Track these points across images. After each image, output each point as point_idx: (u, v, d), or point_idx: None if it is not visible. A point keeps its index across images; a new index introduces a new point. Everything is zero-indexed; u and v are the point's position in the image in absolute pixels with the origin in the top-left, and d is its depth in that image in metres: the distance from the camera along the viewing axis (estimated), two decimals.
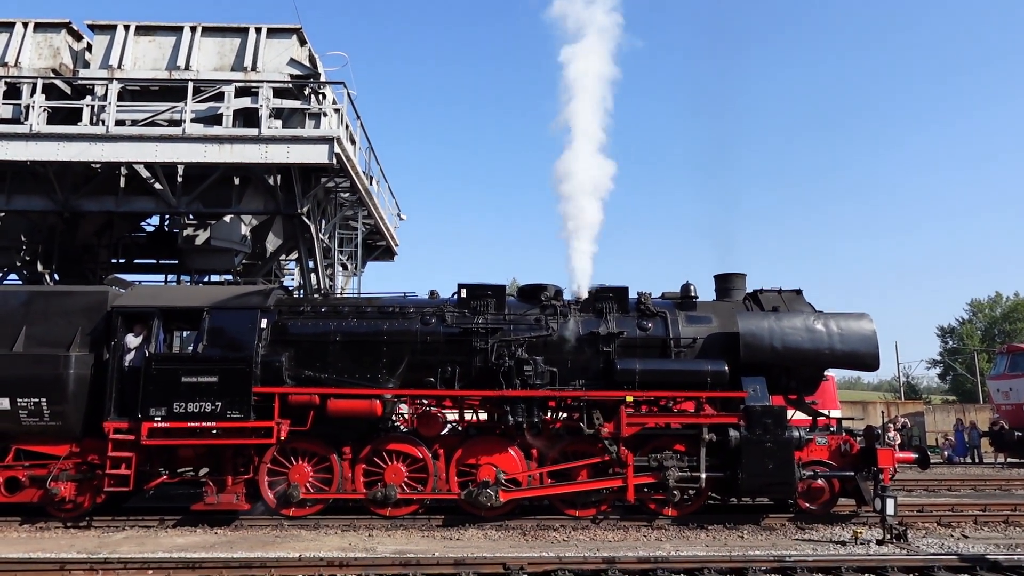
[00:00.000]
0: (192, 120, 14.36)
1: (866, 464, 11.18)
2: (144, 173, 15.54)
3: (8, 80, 14.81)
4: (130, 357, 10.96)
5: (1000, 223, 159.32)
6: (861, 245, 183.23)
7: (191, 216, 17.12)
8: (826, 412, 13.03)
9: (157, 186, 15.31)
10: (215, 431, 10.63)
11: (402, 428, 11.81)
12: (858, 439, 11.54)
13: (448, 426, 11.79)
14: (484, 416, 11.96)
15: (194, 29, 15.59)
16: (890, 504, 9.74)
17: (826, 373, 12.81)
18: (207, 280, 18.82)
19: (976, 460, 24.90)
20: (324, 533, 10.31)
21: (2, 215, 16.63)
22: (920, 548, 9.33)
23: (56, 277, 17.57)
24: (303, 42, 16.19)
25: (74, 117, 14.90)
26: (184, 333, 13.88)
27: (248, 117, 14.87)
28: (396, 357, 11.22)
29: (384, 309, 11.59)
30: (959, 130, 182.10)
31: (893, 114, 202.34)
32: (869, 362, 11.47)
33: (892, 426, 22.35)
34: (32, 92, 14.52)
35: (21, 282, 17.68)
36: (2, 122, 14.51)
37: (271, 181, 15.36)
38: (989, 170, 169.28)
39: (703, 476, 10.89)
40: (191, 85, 14.49)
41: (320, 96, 15.36)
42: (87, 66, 15.88)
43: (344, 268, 20.43)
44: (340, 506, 11.26)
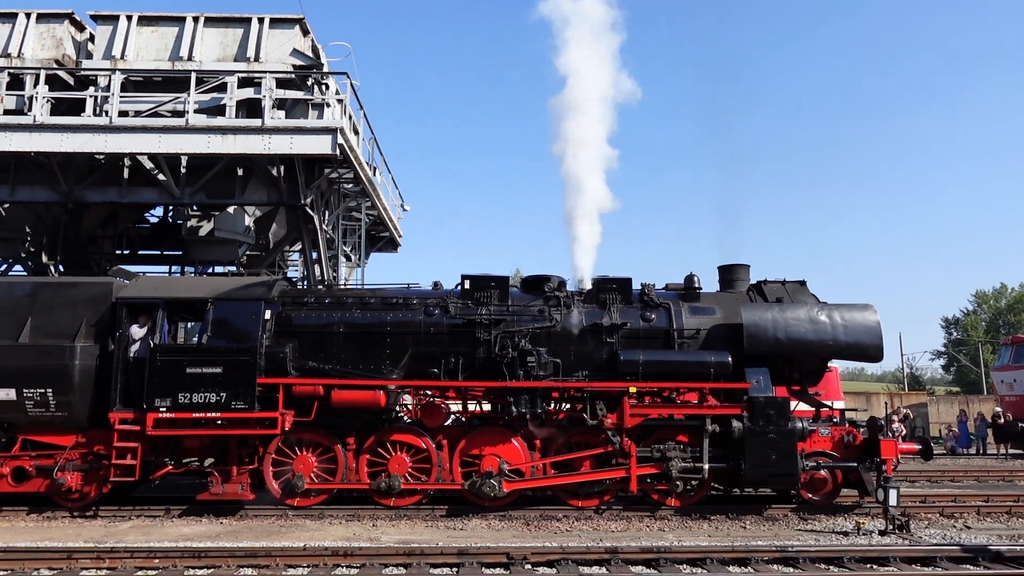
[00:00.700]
0: (195, 111, 14.35)
1: (869, 455, 11.19)
2: (148, 164, 15.55)
3: (11, 71, 14.81)
4: (135, 348, 11.01)
5: (1006, 214, 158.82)
6: (865, 236, 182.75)
7: (195, 207, 17.14)
8: (829, 403, 13.06)
9: (161, 177, 15.32)
10: (220, 422, 10.68)
11: (406, 419, 11.85)
12: (861, 430, 11.55)
13: (452, 417, 11.82)
14: (487, 407, 12.01)
15: (196, 19, 15.56)
16: (893, 495, 9.75)
17: (829, 364, 12.81)
18: (211, 271, 18.85)
19: (979, 451, 24.90)
20: (328, 523, 10.37)
21: (7, 206, 16.67)
22: (923, 539, 9.34)
23: (61, 268, 17.63)
24: (306, 32, 16.15)
25: (77, 108, 14.90)
26: (188, 324, 13.95)
27: (251, 108, 14.86)
28: (400, 348, 11.24)
29: (388, 300, 11.60)
30: (965, 121, 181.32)
31: (899, 105, 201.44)
32: (873, 353, 11.46)
33: (895, 417, 22.42)
34: (35, 83, 14.53)
35: (26, 273, 17.74)
36: (6, 113, 14.52)
37: (274, 172, 15.36)
38: (995, 161, 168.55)
39: (706, 467, 10.90)
40: (194, 76, 14.48)
41: (323, 86, 15.34)
42: (90, 57, 15.86)
43: (348, 259, 20.44)
44: (344, 496, 11.31)
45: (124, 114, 14.54)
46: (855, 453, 11.31)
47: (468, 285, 11.65)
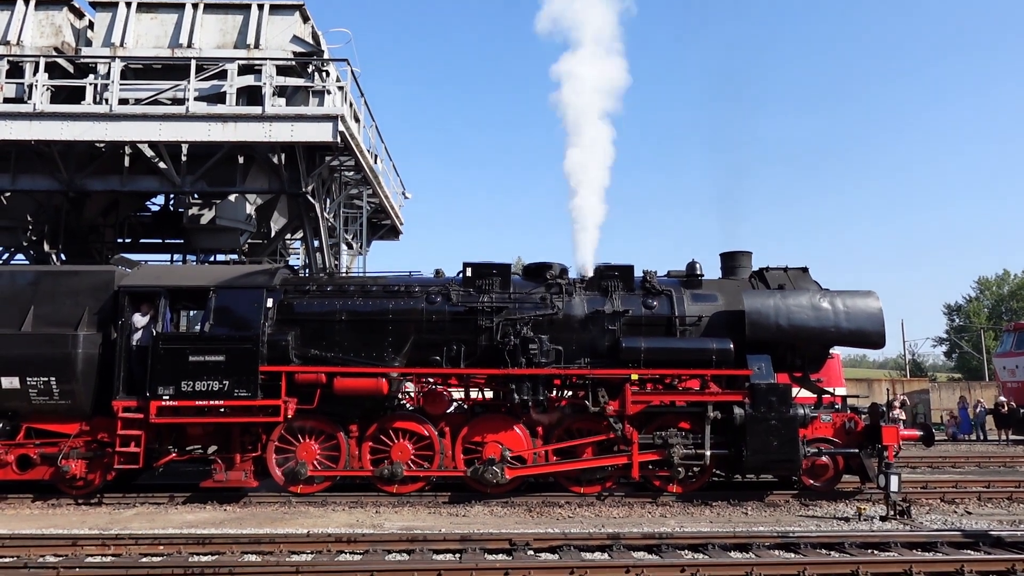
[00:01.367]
0: (195, 98, 14.30)
1: (871, 441, 11.21)
2: (148, 152, 15.51)
3: (10, 59, 14.75)
4: (137, 336, 11.02)
5: (1008, 200, 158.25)
6: (868, 222, 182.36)
7: (196, 195, 17.11)
8: (831, 390, 13.06)
9: (161, 165, 15.29)
10: (223, 409, 10.71)
11: (408, 406, 11.89)
12: (863, 416, 11.57)
13: (454, 404, 11.85)
14: (490, 394, 12.03)
15: (196, 6, 15.48)
16: (894, 481, 9.77)
17: (831, 351, 12.80)
18: (212, 260, 18.85)
19: (979, 437, 24.92)
20: (332, 510, 10.42)
21: (8, 195, 16.66)
22: (923, 524, 9.38)
23: (63, 257, 17.63)
24: (306, 19, 16.06)
25: (77, 96, 14.85)
26: (191, 312, 13.94)
27: (251, 95, 14.80)
28: (402, 336, 11.25)
29: (389, 288, 11.60)
30: (968, 107, 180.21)
31: (902, 92, 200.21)
32: (875, 340, 11.46)
33: (896, 404, 22.45)
34: (35, 71, 14.46)
35: (28, 262, 17.76)
36: (6, 101, 14.47)
37: (275, 160, 15.32)
38: (998, 148, 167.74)
39: (708, 453, 10.93)
40: (194, 63, 14.41)
41: (324, 74, 15.27)
42: (89, 44, 15.79)
43: (349, 247, 20.44)
44: (347, 483, 11.35)
45: (124, 102, 14.49)
46: (856, 439, 11.33)
47: (470, 273, 11.64)
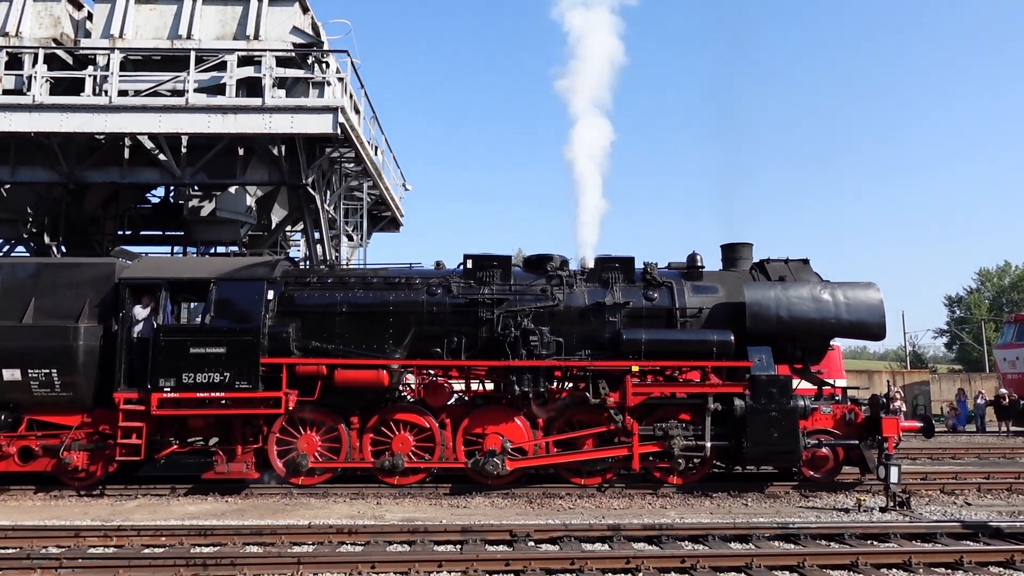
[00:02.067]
0: (195, 90, 14.25)
1: (871, 433, 11.22)
2: (148, 144, 15.48)
3: (9, 50, 14.69)
4: (138, 328, 11.03)
5: (1010, 192, 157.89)
6: (869, 214, 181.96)
7: (196, 187, 17.08)
8: (831, 381, 13.06)
9: (161, 157, 15.25)
10: (224, 401, 10.73)
11: (409, 398, 11.91)
12: (863, 408, 11.58)
13: (455, 396, 11.86)
14: (490, 386, 12.04)
15: None
16: (894, 472, 9.80)
17: (832, 342, 12.80)
18: (213, 251, 18.84)
19: (979, 429, 24.95)
20: (333, 501, 10.46)
21: (8, 187, 16.63)
22: (923, 515, 9.42)
23: (63, 249, 17.61)
24: (305, 9, 15.98)
25: (76, 88, 14.80)
26: (191, 304, 13.95)
27: (251, 87, 14.75)
28: (402, 328, 11.25)
29: (390, 280, 11.59)
30: (970, 97, 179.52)
31: (905, 84, 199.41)
32: (875, 331, 11.46)
33: (897, 396, 22.44)
34: (34, 62, 14.41)
35: (29, 254, 17.75)
36: (5, 93, 14.43)
37: (275, 151, 15.28)
38: (999, 141, 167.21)
39: (708, 445, 10.95)
40: (193, 54, 14.34)
41: (323, 65, 15.21)
42: (88, 35, 15.72)
43: (350, 239, 20.41)
44: (348, 475, 11.38)
45: (124, 93, 14.43)
46: (856, 431, 11.35)
47: (470, 265, 11.63)
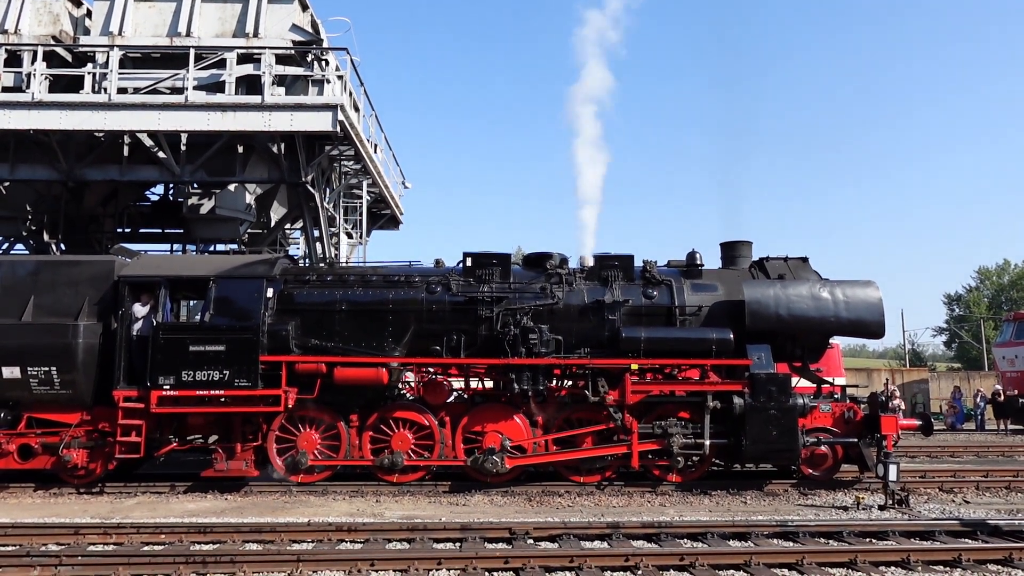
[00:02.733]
0: (194, 88, 14.24)
1: (869, 431, 11.24)
2: (147, 142, 15.48)
3: (8, 47, 14.67)
4: (138, 326, 11.02)
5: (1009, 190, 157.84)
6: (869, 212, 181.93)
7: (195, 185, 17.07)
8: (830, 379, 13.07)
9: (161, 155, 15.25)
10: (223, 399, 10.73)
11: (408, 396, 11.91)
12: (862, 406, 11.59)
13: (454, 394, 11.87)
14: (490, 384, 12.05)
15: None
16: (892, 470, 9.81)
17: (831, 341, 12.81)
18: (213, 249, 18.84)
19: (978, 427, 24.97)
20: (332, 499, 10.46)
21: (7, 185, 16.62)
22: (922, 513, 9.43)
23: (62, 247, 17.61)
24: (305, 7, 15.97)
25: (76, 85, 14.79)
26: (191, 302, 13.94)
27: (251, 84, 14.74)
28: (402, 326, 11.25)
29: (389, 278, 11.59)
30: (970, 98, 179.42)
31: (905, 82, 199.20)
32: (875, 330, 11.47)
33: (896, 393, 22.48)
34: (33, 60, 14.39)
35: (28, 252, 17.74)
36: (4, 90, 14.41)
37: (275, 149, 15.27)
38: (999, 138, 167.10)
39: (707, 443, 10.96)
40: (192, 52, 14.33)
41: (323, 62, 15.20)
42: (87, 33, 15.72)
43: (349, 237, 20.40)
44: (348, 473, 11.37)
45: (123, 91, 14.43)
46: (856, 429, 11.35)
47: (470, 263, 11.63)
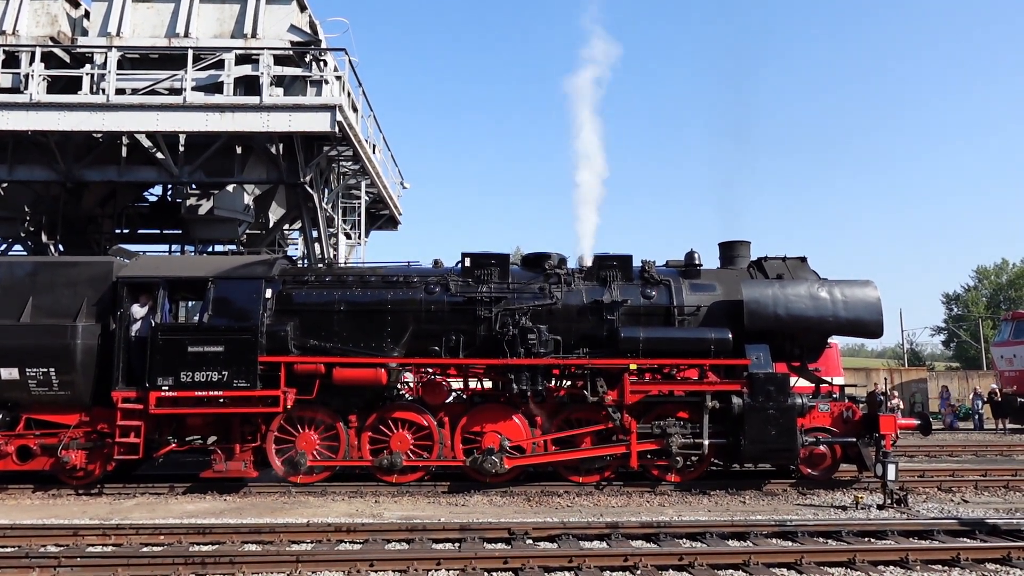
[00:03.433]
0: (193, 88, 14.23)
1: (868, 430, 11.25)
2: (146, 142, 15.45)
3: (6, 48, 14.65)
4: (136, 327, 11.02)
5: (1008, 190, 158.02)
6: (867, 212, 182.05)
7: (194, 186, 17.06)
8: (829, 379, 13.09)
9: (159, 155, 15.23)
10: (222, 400, 10.73)
11: (407, 396, 11.91)
12: (860, 406, 11.60)
13: (453, 394, 11.87)
14: (488, 384, 12.07)
15: None
16: (891, 469, 9.82)
17: (829, 340, 12.82)
18: (211, 250, 18.82)
19: (976, 426, 25.01)
20: (331, 499, 10.46)
21: (5, 185, 16.60)
22: (920, 513, 9.44)
23: (61, 248, 17.59)
24: (303, 8, 15.97)
25: (74, 86, 14.77)
26: (189, 303, 13.94)
27: (249, 85, 14.73)
28: (400, 326, 11.25)
29: (388, 278, 11.59)
30: (968, 98, 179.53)
31: (904, 83, 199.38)
32: (873, 329, 11.48)
33: (894, 394, 22.50)
34: (31, 61, 14.38)
35: (26, 253, 17.72)
36: (2, 91, 14.40)
37: (273, 150, 15.27)
38: (997, 138, 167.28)
39: (706, 443, 10.97)
40: (191, 53, 14.31)
41: (321, 63, 15.19)
42: (85, 34, 15.70)
43: (348, 237, 20.39)
44: (347, 473, 11.37)
45: (121, 92, 14.41)
46: (854, 428, 11.37)
47: (468, 263, 11.63)
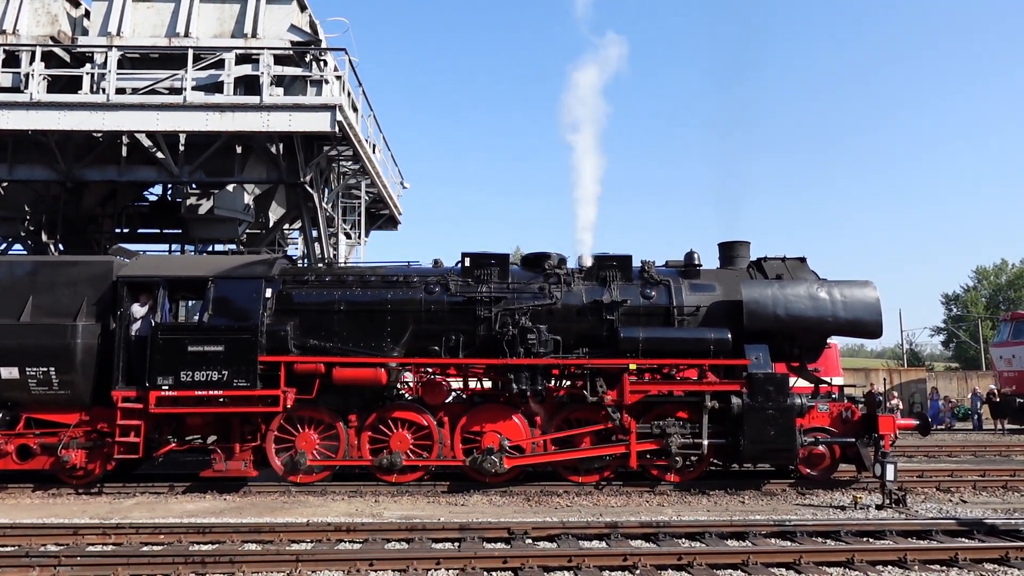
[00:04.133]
0: (193, 88, 14.24)
1: (867, 430, 11.26)
2: (146, 142, 15.47)
3: (6, 48, 14.66)
4: (136, 327, 11.03)
5: (1007, 190, 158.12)
6: (867, 212, 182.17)
7: (194, 185, 17.07)
8: (828, 379, 13.10)
9: (159, 155, 15.25)
10: (222, 399, 10.75)
11: (407, 396, 11.92)
12: (859, 406, 11.61)
13: (452, 394, 11.88)
14: (488, 384, 12.08)
15: None
16: (890, 470, 9.83)
17: (829, 340, 12.83)
18: (211, 250, 18.83)
19: (975, 427, 25.03)
20: (331, 499, 10.47)
21: (5, 185, 16.61)
22: (919, 513, 9.45)
23: (61, 247, 17.60)
24: (303, 7, 15.98)
25: (74, 86, 14.78)
26: (189, 303, 13.95)
27: (249, 85, 14.74)
28: (400, 326, 11.26)
29: (388, 278, 11.60)
30: (967, 98, 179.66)
31: (904, 83, 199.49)
32: (872, 330, 11.49)
33: (894, 394, 22.52)
34: (31, 60, 14.39)
35: (26, 252, 17.73)
36: (2, 91, 14.41)
37: (273, 150, 15.28)
38: (997, 138, 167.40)
39: (705, 443, 10.98)
40: (191, 52, 14.32)
41: (321, 63, 15.20)
42: (85, 33, 15.71)
43: (348, 237, 20.41)
44: (347, 473, 11.39)
45: (121, 91, 14.43)
46: (853, 428, 11.39)
47: (468, 263, 11.64)
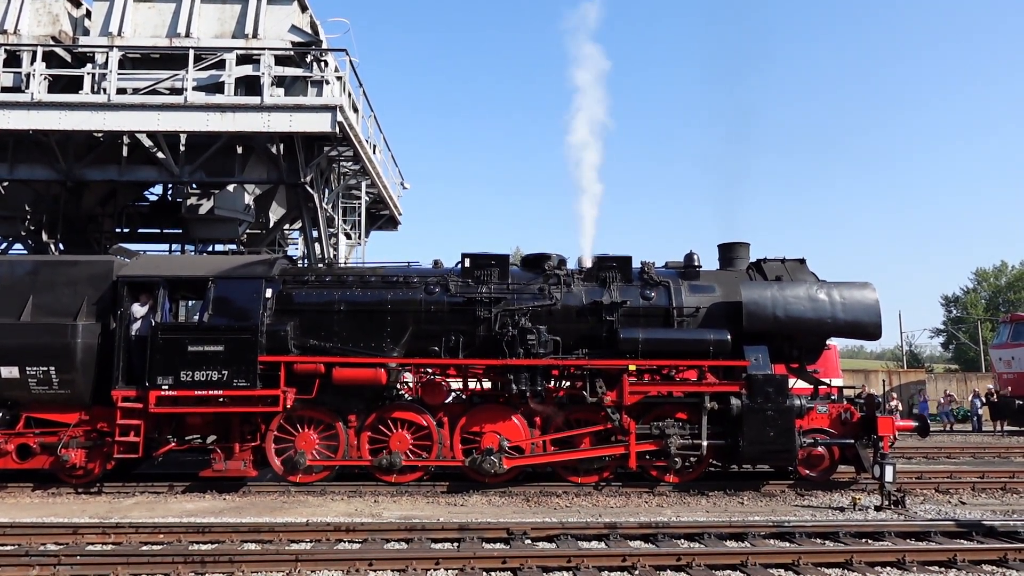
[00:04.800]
0: (194, 88, 14.25)
1: (866, 432, 11.28)
2: (147, 142, 15.49)
3: (8, 48, 14.67)
4: (136, 326, 11.04)
5: (1007, 191, 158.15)
6: (867, 213, 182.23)
7: (194, 185, 17.09)
8: (827, 381, 13.11)
9: (160, 155, 15.27)
10: (222, 399, 10.75)
11: (407, 396, 11.93)
12: (859, 407, 11.62)
13: (452, 394, 11.89)
14: (488, 384, 12.08)
15: None
16: (889, 471, 9.84)
17: (828, 342, 12.84)
18: (211, 250, 18.85)
19: (975, 428, 25.04)
20: (331, 499, 10.48)
21: (6, 184, 16.62)
22: (918, 514, 9.47)
23: (61, 247, 17.62)
24: (304, 8, 16.00)
25: (75, 85, 14.80)
26: (190, 302, 13.96)
27: (250, 85, 14.76)
28: (400, 326, 11.27)
29: (388, 278, 11.61)
30: (967, 99, 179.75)
31: (903, 84, 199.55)
32: (871, 331, 11.50)
33: (893, 396, 22.53)
34: (32, 60, 14.40)
35: (27, 252, 17.74)
36: (3, 90, 14.42)
37: (274, 150, 15.30)
38: (997, 138, 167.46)
39: (704, 444, 10.99)
40: (192, 53, 14.35)
41: (322, 63, 15.23)
42: (87, 33, 15.73)
43: (348, 237, 20.43)
44: (346, 473, 11.39)
45: (122, 91, 14.44)
46: (852, 430, 11.40)
47: (468, 263, 11.65)
